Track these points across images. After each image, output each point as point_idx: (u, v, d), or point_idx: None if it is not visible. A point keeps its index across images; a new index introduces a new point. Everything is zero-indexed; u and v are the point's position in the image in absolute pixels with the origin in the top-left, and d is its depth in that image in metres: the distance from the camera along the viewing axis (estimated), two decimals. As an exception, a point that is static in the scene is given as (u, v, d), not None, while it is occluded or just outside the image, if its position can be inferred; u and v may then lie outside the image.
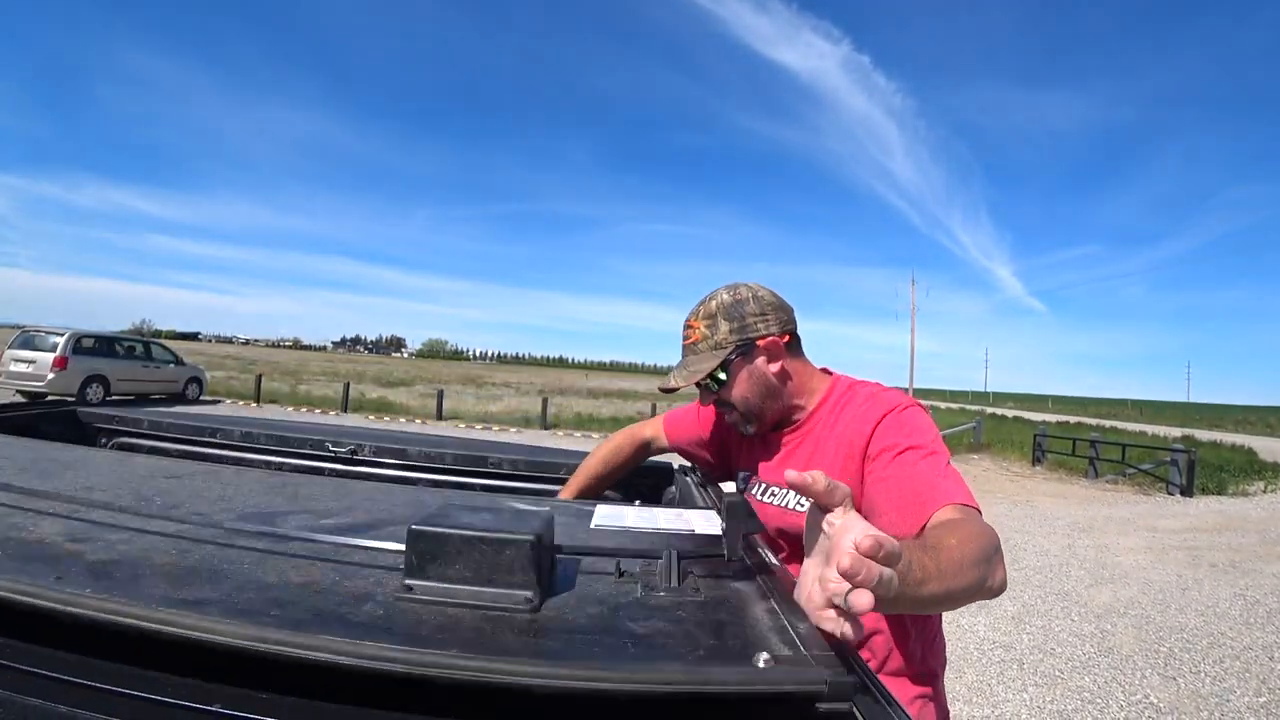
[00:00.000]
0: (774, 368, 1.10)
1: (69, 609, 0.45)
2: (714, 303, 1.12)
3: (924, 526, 0.82)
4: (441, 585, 0.51)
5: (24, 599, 0.46)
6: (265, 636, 0.42)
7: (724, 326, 1.10)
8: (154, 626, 0.43)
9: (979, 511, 0.84)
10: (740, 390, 1.11)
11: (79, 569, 0.52)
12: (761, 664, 0.44)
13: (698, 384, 1.12)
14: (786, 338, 1.12)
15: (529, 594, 0.51)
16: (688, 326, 1.16)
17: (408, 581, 0.52)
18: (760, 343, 1.09)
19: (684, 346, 1.16)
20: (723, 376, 1.10)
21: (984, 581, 0.72)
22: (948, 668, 1.15)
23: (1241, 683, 3.44)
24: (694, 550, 0.68)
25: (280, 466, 1.78)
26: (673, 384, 1.13)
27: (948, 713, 1.09)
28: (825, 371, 1.20)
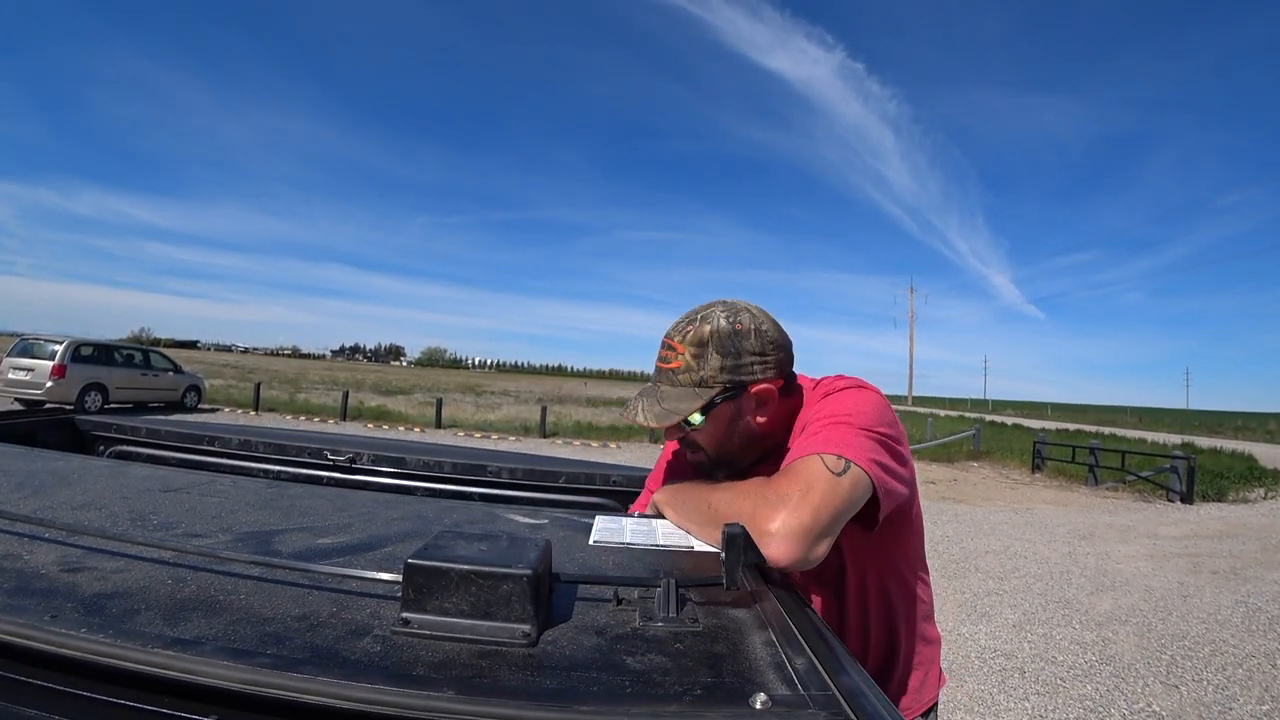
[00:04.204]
0: (761, 419, 0.92)
1: (62, 651, 0.44)
2: (707, 328, 0.90)
3: None
4: (438, 619, 0.51)
5: (17, 640, 0.45)
6: (258, 680, 0.42)
7: (714, 361, 0.89)
8: (150, 670, 0.43)
9: (825, 466, 0.77)
10: (716, 436, 0.92)
11: (74, 603, 0.51)
12: (759, 705, 0.43)
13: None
14: (781, 382, 0.92)
15: (526, 628, 0.50)
16: (668, 347, 0.93)
17: (404, 615, 0.51)
18: (753, 389, 0.90)
19: (659, 369, 0.94)
20: (698, 419, 0.89)
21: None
22: (949, 678, 1.14)
23: (1244, 690, 3.42)
24: (692, 575, 0.67)
25: (278, 475, 1.78)
26: (641, 421, 0.91)
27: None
28: (798, 381, 1.00)
